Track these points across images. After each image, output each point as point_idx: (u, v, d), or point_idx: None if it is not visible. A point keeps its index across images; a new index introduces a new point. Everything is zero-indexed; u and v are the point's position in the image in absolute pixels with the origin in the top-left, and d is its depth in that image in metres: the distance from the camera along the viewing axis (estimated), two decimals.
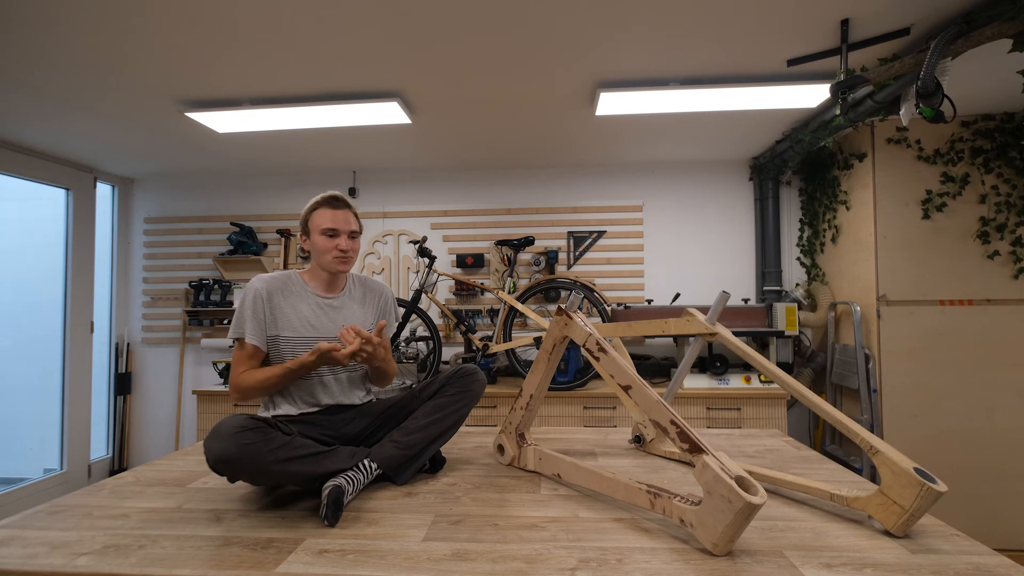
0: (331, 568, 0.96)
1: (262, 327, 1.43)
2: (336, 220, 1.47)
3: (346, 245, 1.48)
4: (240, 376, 1.40)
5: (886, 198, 2.67)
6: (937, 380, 2.62)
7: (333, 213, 1.48)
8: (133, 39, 1.84)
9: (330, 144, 3.01)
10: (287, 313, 1.46)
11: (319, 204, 1.49)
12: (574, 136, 2.91)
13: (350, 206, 1.52)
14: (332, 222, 1.47)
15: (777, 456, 1.63)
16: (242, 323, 1.42)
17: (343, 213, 1.49)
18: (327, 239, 1.47)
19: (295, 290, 1.49)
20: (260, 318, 1.43)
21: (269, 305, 1.45)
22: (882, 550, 1.01)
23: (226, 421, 1.15)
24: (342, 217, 1.49)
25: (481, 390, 1.54)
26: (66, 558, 1.00)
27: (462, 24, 1.78)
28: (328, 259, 1.48)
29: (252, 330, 1.42)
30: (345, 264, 1.50)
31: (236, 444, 1.10)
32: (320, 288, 1.53)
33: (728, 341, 1.47)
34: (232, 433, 1.11)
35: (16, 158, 2.98)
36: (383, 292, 1.66)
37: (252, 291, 1.44)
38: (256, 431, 1.15)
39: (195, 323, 3.56)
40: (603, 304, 3.03)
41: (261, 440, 1.14)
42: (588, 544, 1.04)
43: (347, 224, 1.49)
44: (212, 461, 1.11)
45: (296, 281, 1.51)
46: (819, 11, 1.72)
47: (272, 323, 1.44)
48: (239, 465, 1.12)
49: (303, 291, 1.50)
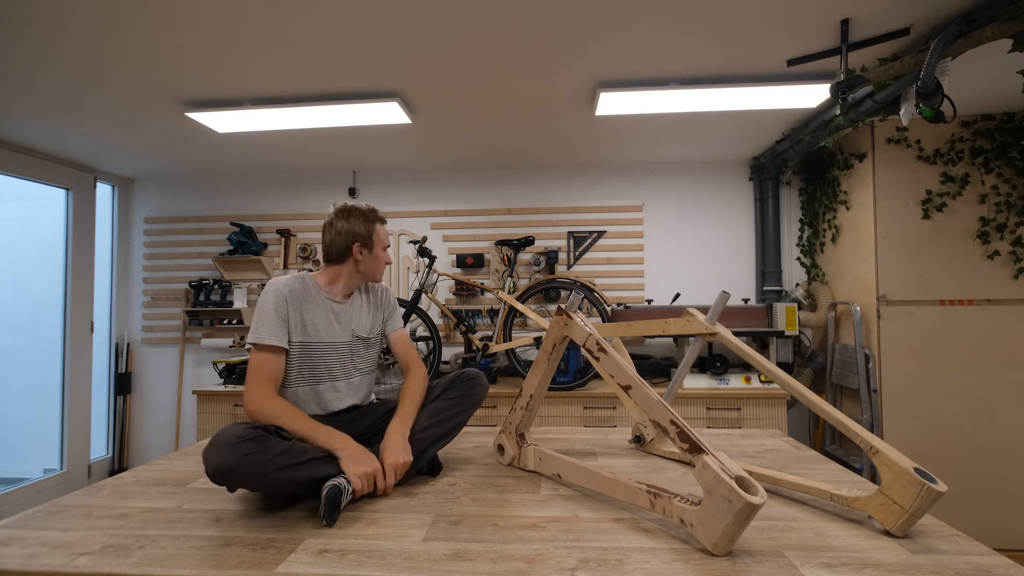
0: (331, 568, 0.96)
1: (286, 330, 1.42)
2: (388, 237, 1.64)
3: (390, 259, 1.65)
4: (266, 403, 1.31)
5: (886, 198, 2.67)
6: (937, 380, 2.62)
7: (386, 230, 1.65)
8: (133, 39, 1.84)
9: (330, 144, 3.01)
10: (302, 318, 1.45)
11: (381, 220, 1.61)
12: (574, 136, 2.91)
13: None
14: (388, 239, 1.62)
15: (777, 456, 1.63)
16: (266, 325, 1.38)
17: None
18: (385, 253, 1.61)
19: (312, 295, 1.49)
20: (284, 320, 1.41)
21: (291, 306, 1.43)
22: (882, 550, 1.01)
23: (225, 431, 1.13)
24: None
25: (483, 395, 1.55)
26: (66, 558, 1.00)
27: (462, 24, 1.78)
28: (380, 272, 1.61)
29: (277, 333, 1.39)
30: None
31: (235, 455, 1.09)
32: (337, 293, 1.55)
33: (728, 341, 1.46)
34: (231, 444, 1.10)
35: (16, 158, 2.98)
36: (385, 293, 1.70)
37: (275, 294, 1.42)
38: (255, 441, 1.13)
39: (195, 323, 3.56)
40: (603, 304, 3.03)
41: (260, 450, 1.12)
42: (588, 544, 1.04)
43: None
44: (211, 472, 1.09)
45: (311, 285, 1.51)
46: (819, 11, 1.72)
47: (293, 328, 1.43)
48: (238, 475, 1.10)
49: (319, 296, 1.50)
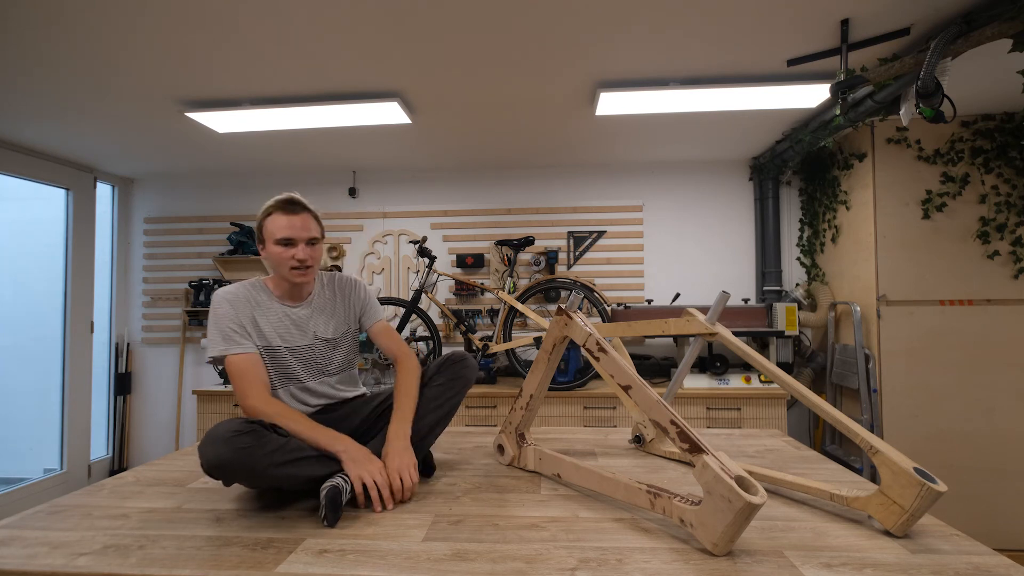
0: (331, 568, 0.96)
1: (247, 333, 1.34)
2: (292, 227, 1.34)
3: (304, 254, 1.35)
4: (265, 409, 1.26)
5: (886, 198, 2.67)
6: (937, 380, 2.62)
7: (289, 219, 1.34)
8: (133, 39, 1.84)
9: (330, 144, 3.01)
10: (256, 325, 1.38)
11: (272, 209, 1.36)
12: (574, 136, 2.91)
13: (308, 209, 1.40)
14: (288, 230, 1.33)
15: (777, 456, 1.62)
16: (226, 336, 1.32)
17: (300, 218, 1.36)
18: (283, 248, 1.34)
19: (262, 301, 1.41)
20: (241, 324, 1.34)
21: (244, 315, 1.36)
22: (882, 550, 1.01)
23: (220, 425, 1.13)
24: (299, 223, 1.35)
25: (472, 375, 1.46)
26: (66, 558, 1.00)
27: (462, 24, 1.78)
28: (285, 270, 1.36)
29: (240, 339, 1.33)
30: (304, 275, 1.38)
31: (230, 449, 1.08)
32: (285, 297, 1.44)
33: (728, 341, 1.46)
34: (226, 438, 1.09)
35: (16, 158, 2.98)
36: (355, 289, 1.54)
37: (222, 302, 1.35)
38: (251, 435, 1.12)
39: (195, 323, 3.56)
40: (603, 304, 3.03)
41: (256, 444, 1.12)
42: (588, 544, 1.04)
43: (305, 231, 1.36)
44: (206, 466, 1.09)
45: (261, 291, 1.42)
46: (819, 11, 1.72)
47: (251, 333, 1.37)
48: (233, 469, 1.10)
49: (269, 302, 1.42)
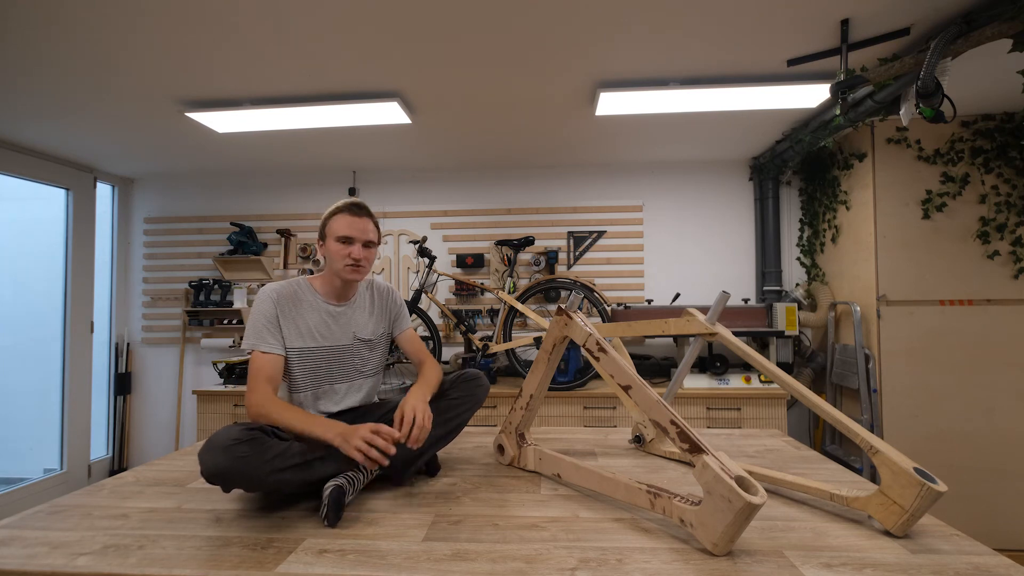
0: (331, 568, 0.96)
1: (279, 335, 1.41)
2: (353, 228, 1.44)
3: (359, 254, 1.44)
4: (265, 405, 1.29)
5: (886, 198, 2.67)
6: (937, 380, 2.62)
7: (351, 220, 1.45)
8: (133, 39, 1.84)
9: (330, 144, 3.01)
10: (296, 323, 1.44)
11: (339, 210, 1.46)
12: (574, 136, 2.91)
13: (371, 215, 1.50)
14: (349, 229, 1.44)
15: (777, 456, 1.62)
16: (258, 333, 1.38)
17: (361, 221, 1.46)
18: (341, 246, 1.44)
19: (304, 299, 1.47)
20: (277, 326, 1.41)
21: (281, 314, 1.42)
22: (882, 550, 1.01)
23: (220, 433, 1.13)
24: (360, 225, 1.46)
25: (484, 396, 1.53)
26: (66, 558, 1.00)
27: (462, 24, 1.78)
28: (340, 266, 1.45)
29: (270, 339, 1.39)
30: (357, 273, 1.46)
31: (229, 458, 1.09)
32: (331, 296, 1.51)
33: (728, 341, 1.46)
34: (225, 446, 1.09)
35: (16, 158, 2.98)
36: (391, 296, 1.65)
37: (265, 300, 1.41)
38: (250, 443, 1.13)
39: (195, 323, 3.56)
40: (603, 304, 3.03)
41: (255, 452, 1.12)
42: (588, 544, 1.04)
43: (364, 233, 1.46)
44: (206, 474, 1.10)
45: (306, 289, 1.49)
46: (819, 11, 1.72)
47: (288, 334, 1.42)
48: (232, 477, 1.10)
49: (313, 300, 1.48)
